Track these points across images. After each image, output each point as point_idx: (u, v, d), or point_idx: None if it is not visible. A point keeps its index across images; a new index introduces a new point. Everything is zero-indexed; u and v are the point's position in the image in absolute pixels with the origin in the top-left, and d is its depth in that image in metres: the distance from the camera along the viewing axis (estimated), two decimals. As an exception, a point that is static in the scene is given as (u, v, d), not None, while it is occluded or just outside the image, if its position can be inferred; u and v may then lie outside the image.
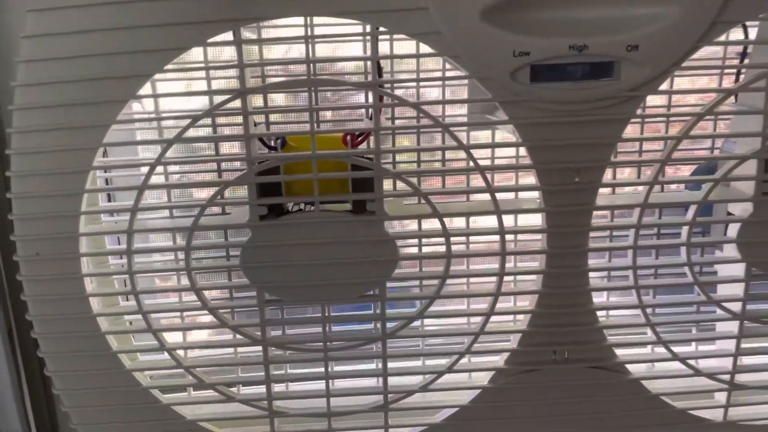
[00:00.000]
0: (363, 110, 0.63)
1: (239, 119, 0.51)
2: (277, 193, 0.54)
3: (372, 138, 0.53)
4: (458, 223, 0.59)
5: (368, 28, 0.50)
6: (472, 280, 0.60)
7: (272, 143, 0.55)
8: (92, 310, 0.55)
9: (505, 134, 0.61)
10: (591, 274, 0.57)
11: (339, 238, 0.54)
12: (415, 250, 0.61)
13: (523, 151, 0.57)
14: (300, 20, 0.52)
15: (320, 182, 0.53)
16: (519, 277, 0.61)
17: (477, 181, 0.67)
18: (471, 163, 0.53)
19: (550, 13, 0.51)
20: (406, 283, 0.60)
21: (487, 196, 0.54)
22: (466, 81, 0.64)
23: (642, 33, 0.50)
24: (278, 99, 0.67)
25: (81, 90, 0.50)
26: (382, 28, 0.50)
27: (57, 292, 0.55)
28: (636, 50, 0.51)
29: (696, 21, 0.50)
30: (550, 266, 0.56)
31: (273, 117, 0.61)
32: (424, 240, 0.61)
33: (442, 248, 0.55)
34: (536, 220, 0.58)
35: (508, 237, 0.55)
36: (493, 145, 0.59)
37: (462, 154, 0.64)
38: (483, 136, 0.64)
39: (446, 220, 0.54)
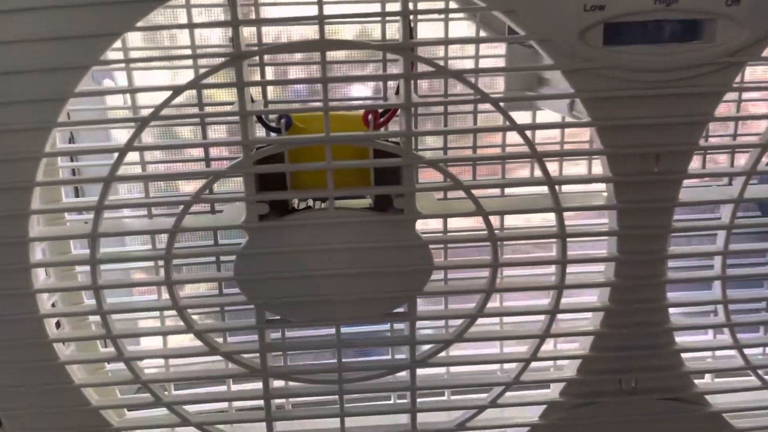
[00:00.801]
0: (384, 84, 0.52)
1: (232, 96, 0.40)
2: (280, 187, 0.43)
3: (399, 117, 0.42)
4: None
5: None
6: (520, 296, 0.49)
7: (274, 124, 0.43)
8: (49, 334, 0.44)
9: (552, 115, 0.50)
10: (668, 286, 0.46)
11: (358, 242, 0.43)
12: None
13: (583, 134, 0.46)
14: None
15: (335, 173, 0.42)
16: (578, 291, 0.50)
17: (520, 171, 0.57)
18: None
19: (630, -43, 0.40)
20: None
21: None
22: (502, 49, 0.53)
23: (746, -18, 0.39)
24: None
25: (27, 53, 0.39)
26: (414, -24, 0.39)
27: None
28: (737, 4, 0.40)
29: (815, -34, 0.39)
30: (620, 276, 0.45)
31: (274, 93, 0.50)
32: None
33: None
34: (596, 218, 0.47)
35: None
36: (554, 125, 0.48)
37: (498, 140, 0.54)
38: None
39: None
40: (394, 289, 0.44)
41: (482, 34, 0.53)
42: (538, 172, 0.43)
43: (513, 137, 0.45)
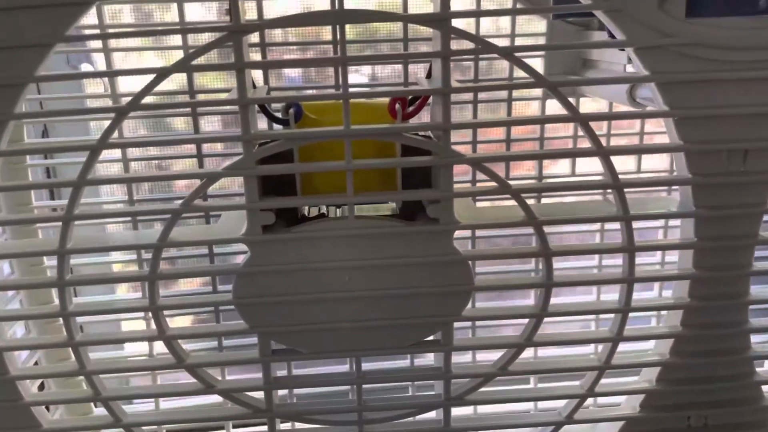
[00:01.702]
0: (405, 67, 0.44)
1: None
2: (289, 191, 0.36)
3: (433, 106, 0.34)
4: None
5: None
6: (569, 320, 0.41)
7: (281, 114, 0.36)
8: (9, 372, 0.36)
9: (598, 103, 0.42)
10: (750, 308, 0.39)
11: (385, 258, 0.35)
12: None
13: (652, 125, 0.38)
14: None
15: (354, 174, 0.34)
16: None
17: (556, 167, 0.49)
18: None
19: None
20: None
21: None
22: (542, 26, 0.46)
23: None
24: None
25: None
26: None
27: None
28: None
29: None
30: (695, 295, 0.38)
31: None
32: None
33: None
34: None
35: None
36: (625, 116, 0.40)
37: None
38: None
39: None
40: (427, 313, 0.37)
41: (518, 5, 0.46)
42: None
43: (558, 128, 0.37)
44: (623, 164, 0.53)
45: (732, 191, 0.36)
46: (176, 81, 0.45)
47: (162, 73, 0.32)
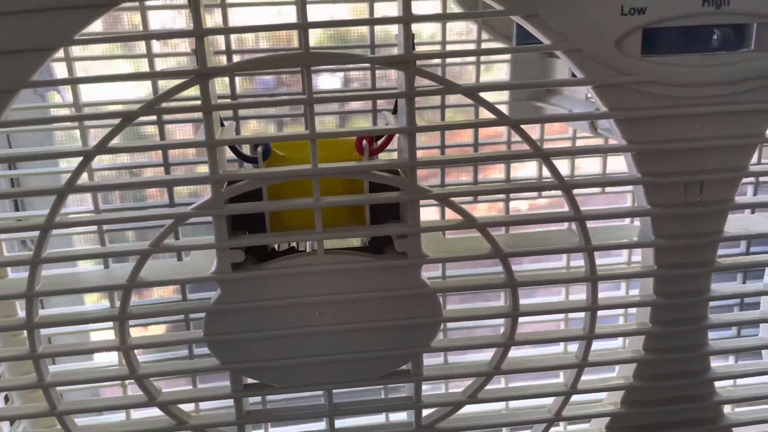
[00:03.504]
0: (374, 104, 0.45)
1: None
2: (259, 227, 0.36)
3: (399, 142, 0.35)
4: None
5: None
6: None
7: (250, 153, 0.36)
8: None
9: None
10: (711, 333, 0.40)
11: (354, 292, 0.36)
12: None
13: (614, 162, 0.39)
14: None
15: (325, 209, 0.35)
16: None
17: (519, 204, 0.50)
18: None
19: (672, -50, 0.33)
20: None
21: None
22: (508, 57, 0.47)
23: (809, -22, 0.33)
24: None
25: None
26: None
27: None
28: (798, 5, 0.34)
29: None
30: (657, 321, 0.39)
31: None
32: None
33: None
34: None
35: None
36: (586, 151, 0.41)
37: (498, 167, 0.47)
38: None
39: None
40: (397, 345, 0.37)
41: (483, 35, 0.47)
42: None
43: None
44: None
45: (689, 221, 0.37)
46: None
47: (128, 117, 0.32)
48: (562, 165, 0.51)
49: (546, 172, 0.35)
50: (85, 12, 0.31)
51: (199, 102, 0.32)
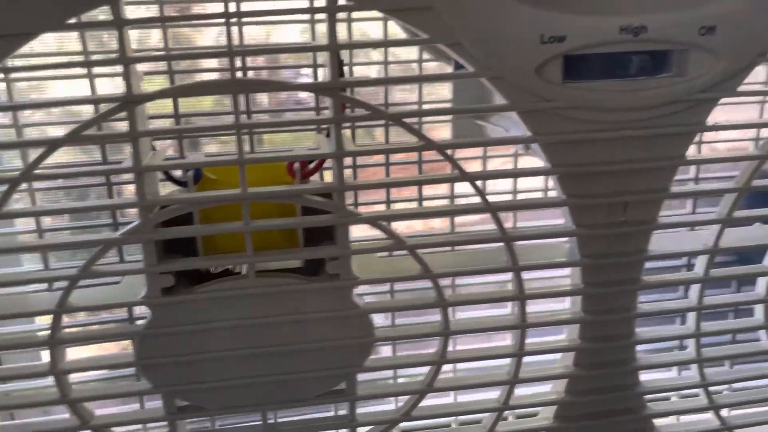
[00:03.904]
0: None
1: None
2: (191, 251, 0.36)
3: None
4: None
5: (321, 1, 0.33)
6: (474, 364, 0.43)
7: (180, 177, 0.36)
8: None
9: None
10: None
11: (287, 314, 0.36)
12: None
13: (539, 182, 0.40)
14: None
15: (257, 234, 0.35)
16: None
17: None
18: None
19: (591, -20, 0.34)
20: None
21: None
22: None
23: (722, 9, 0.35)
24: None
25: None
26: (342, 1, 0.33)
27: None
28: (712, 34, 0.35)
29: (797, -11, 0.35)
30: (586, 337, 0.40)
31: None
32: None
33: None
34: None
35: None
36: (508, 174, 0.42)
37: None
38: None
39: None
40: (330, 365, 0.38)
41: (425, 55, 0.48)
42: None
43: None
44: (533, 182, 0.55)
45: (615, 240, 0.39)
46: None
47: (53, 145, 0.32)
48: (504, 183, 0.53)
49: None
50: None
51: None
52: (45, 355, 0.45)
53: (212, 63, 0.51)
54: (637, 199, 0.38)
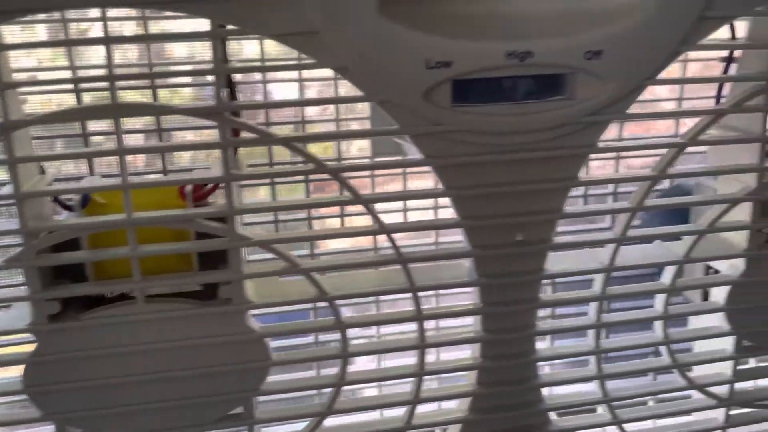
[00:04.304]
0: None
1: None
2: (80, 277, 0.36)
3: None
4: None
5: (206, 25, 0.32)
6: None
7: (68, 201, 0.36)
8: None
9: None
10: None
11: (177, 339, 0.36)
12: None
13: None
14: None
15: (151, 258, 0.35)
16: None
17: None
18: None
19: (478, 6, 0.35)
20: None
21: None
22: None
23: (606, 34, 0.35)
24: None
25: None
26: (229, 26, 0.32)
27: None
28: (598, 58, 0.35)
29: (678, 15, 0.36)
30: (487, 355, 0.41)
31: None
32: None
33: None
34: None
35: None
36: (400, 197, 0.42)
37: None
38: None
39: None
40: (227, 390, 0.38)
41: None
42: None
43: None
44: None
45: (512, 260, 0.39)
46: None
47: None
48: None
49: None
50: None
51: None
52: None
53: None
54: (532, 219, 0.38)
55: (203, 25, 0.33)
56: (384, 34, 0.33)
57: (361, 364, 0.51)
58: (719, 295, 0.43)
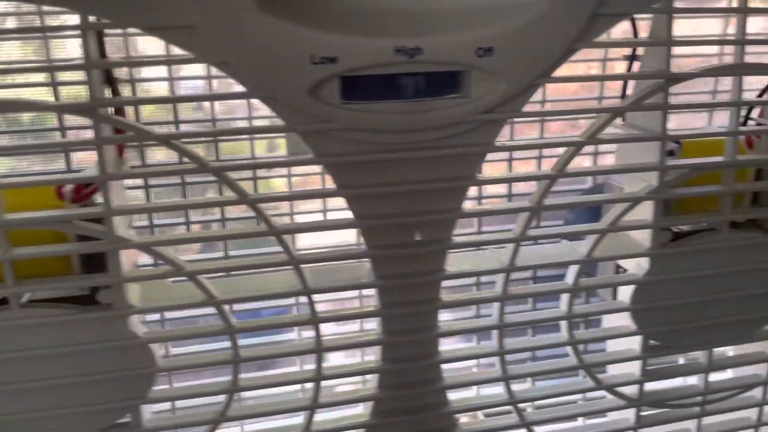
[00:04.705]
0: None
1: None
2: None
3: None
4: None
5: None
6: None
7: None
8: None
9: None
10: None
11: (58, 346, 0.35)
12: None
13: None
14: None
15: (31, 261, 0.33)
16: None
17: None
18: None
19: (367, 2, 0.34)
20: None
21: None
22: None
23: (497, 31, 0.35)
24: None
25: None
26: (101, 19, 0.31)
27: None
28: (490, 55, 0.35)
29: (571, 12, 0.35)
30: (388, 358, 0.40)
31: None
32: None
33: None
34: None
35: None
36: (286, 198, 0.41)
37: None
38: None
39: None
40: (112, 397, 0.36)
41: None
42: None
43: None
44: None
45: (410, 260, 0.38)
46: None
47: None
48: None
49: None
50: None
51: None
52: None
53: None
54: (428, 219, 0.37)
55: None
56: (264, 29, 0.32)
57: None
58: (625, 294, 0.43)
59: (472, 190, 0.55)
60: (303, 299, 0.38)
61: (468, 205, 0.38)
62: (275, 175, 0.50)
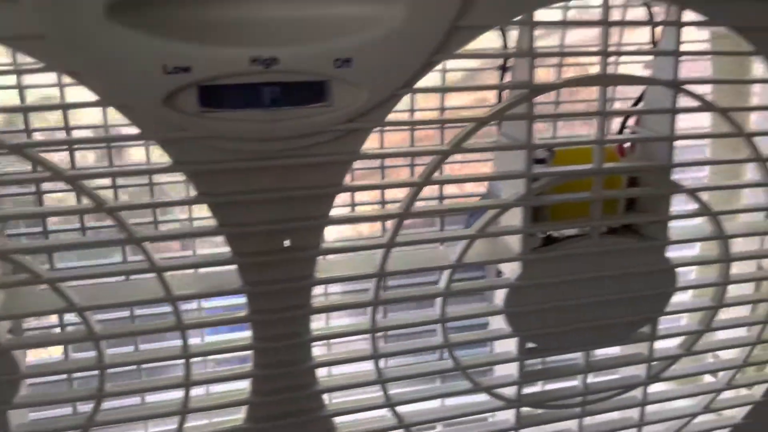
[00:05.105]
0: None
1: None
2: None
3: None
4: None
5: None
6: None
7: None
8: None
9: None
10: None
11: None
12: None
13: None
14: None
15: None
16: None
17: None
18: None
19: (222, 12, 0.34)
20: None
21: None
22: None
23: (355, 41, 0.35)
24: None
25: None
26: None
27: None
28: (348, 66, 0.36)
29: (429, 24, 0.36)
30: (260, 363, 0.40)
31: None
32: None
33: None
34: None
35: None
36: (147, 206, 0.41)
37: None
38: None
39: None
40: (-28, 405, 0.36)
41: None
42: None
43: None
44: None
45: (279, 267, 0.39)
46: None
47: None
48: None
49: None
50: None
51: None
52: None
53: None
54: (294, 226, 0.38)
55: None
56: (114, 39, 0.32)
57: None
58: (499, 297, 0.44)
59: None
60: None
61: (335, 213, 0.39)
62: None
